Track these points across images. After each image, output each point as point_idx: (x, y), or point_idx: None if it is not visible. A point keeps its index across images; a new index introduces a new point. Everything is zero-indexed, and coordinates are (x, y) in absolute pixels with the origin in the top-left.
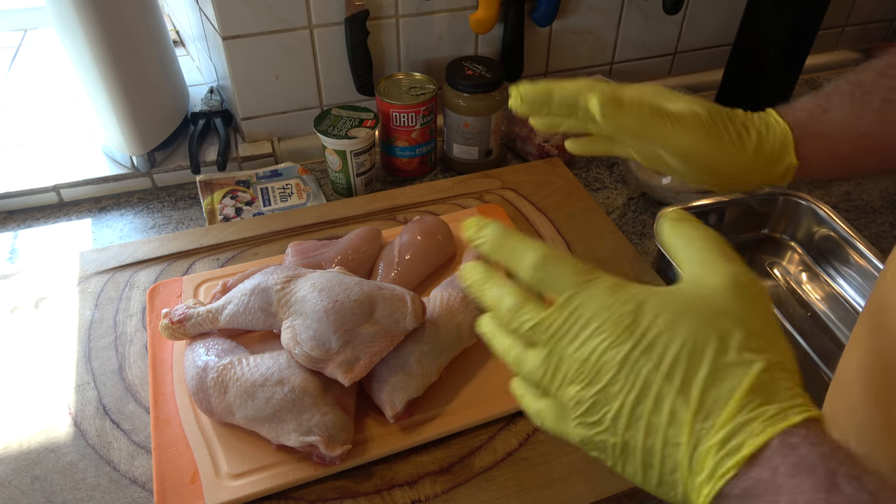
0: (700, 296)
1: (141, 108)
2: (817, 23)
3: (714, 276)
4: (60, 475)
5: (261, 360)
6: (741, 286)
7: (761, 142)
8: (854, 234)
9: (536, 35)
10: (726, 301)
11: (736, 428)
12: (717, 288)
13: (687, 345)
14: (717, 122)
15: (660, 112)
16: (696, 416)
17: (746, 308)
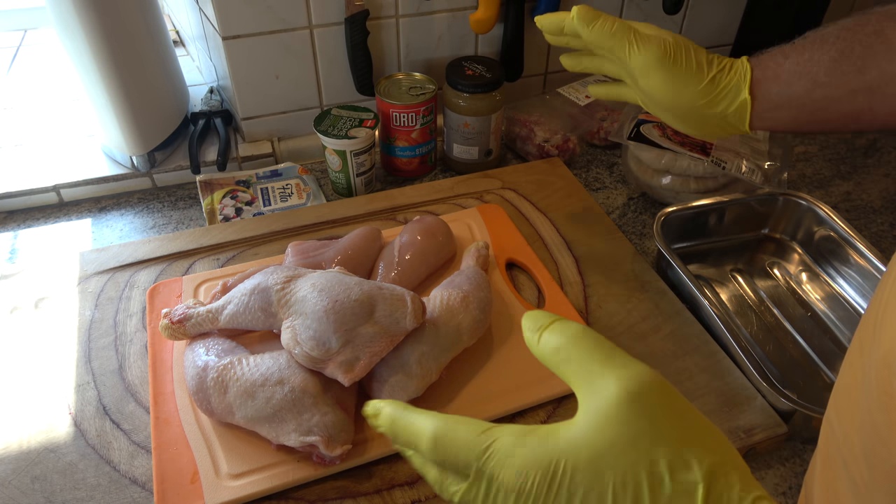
0: (604, 431)
1: (141, 108)
2: (817, 23)
3: (605, 397)
4: (60, 475)
5: (261, 360)
6: (637, 396)
7: (720, 74)
8: (854, 234)
9: (536, 35)
10: (632, 423)
11: None
12: (615, 413)
13: (620, 493)
14: (680, 49)
15: (628, 28)
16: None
17: (655, 418)
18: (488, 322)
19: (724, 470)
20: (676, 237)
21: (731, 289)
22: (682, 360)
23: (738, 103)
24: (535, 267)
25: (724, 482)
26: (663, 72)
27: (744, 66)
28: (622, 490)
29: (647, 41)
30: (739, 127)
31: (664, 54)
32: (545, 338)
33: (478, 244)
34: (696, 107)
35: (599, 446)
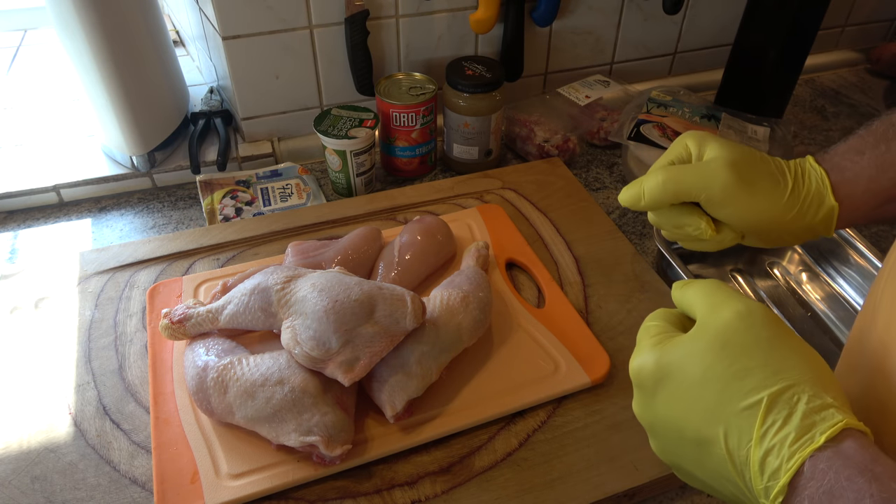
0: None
1: (141, 108)
2: (817, 23)
3: (717, 314)
4: (60, 475)
5: (261, 360)
6: (742, 315)
7: (796, 185)
8: (854, 234)
9: (536, 35)
10: (727, 334)
11: (765, 455)
12: (713, 329)
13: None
14: (748, 168)
15: (678, 177)
16: (727, 442)
17: (746, 340)
18: (488, 322)
19: (801, 378)
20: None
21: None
22: None
23: (824, 212)
24: (535, 267)
25: (795, 388)
26: (742, 197)
27: (816, 169)
28: (701, 381)
29: (709, 172)
30: (824, 233)
31: (737, 178)
32: (683, 290)
33: (478, 244)
34: (782, 222)
35: (695, 346)
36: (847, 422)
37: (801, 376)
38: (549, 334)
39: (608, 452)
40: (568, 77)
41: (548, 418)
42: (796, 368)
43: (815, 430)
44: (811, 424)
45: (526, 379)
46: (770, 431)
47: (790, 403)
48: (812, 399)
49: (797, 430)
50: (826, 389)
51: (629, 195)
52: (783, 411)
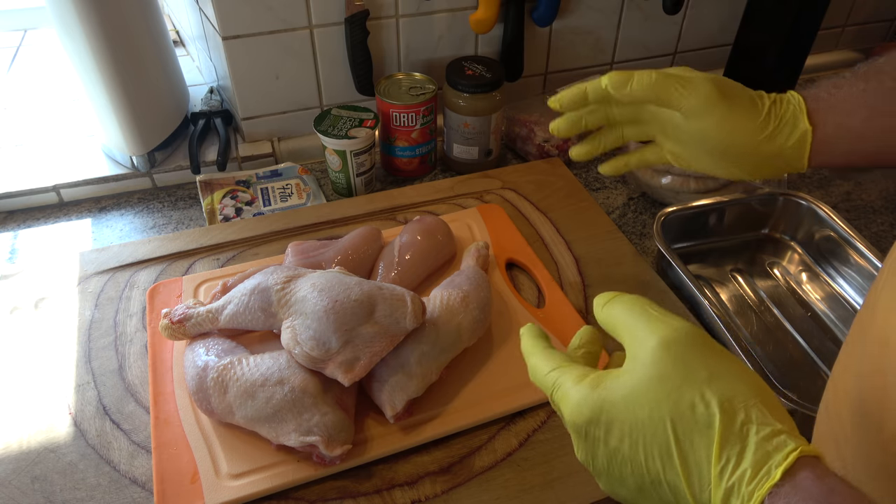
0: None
1: (141, 108)
2: (817, 23)
3: (643, 347)
4: (60, 475)
5: (261, 360)
6: (669, 344)
7: (774, 106)
8: (854, 234)
9: (536, 35)
10: (661, 365)
11: (726, 496)
12: (650, 359)
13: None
14: (728, 87)
15: (668, 76)
16: (689, 485)
17: (683, 362)
18: (488, 322)
19: (746, 404)
20: (676, 237)
21: (731, 289)
22: None
23: (797, 135)
24: (535, 267)
25: (743, 416)
26: (721, 108)
27: (795, 97)
28: (650, 424)
29: (694, 85)
30: (797, 163)
31: (718, 91)
32: (605, 310)
33: (478, 244)
34: (755, 143)
35: (633, 386)
36: (801, 449)
37: (746, 398)
38: (549, 334)
39: None
40: (568, 77)
41: (548, 418)
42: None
43: (770, 462)
44: (766, 456)
45: (526, 379)
46: (727, 470)
47: (742, 435)
48: (761, 426)
49: (753, 466)
50: (771, 409)
51: (617, 77)
52: (736, 445)
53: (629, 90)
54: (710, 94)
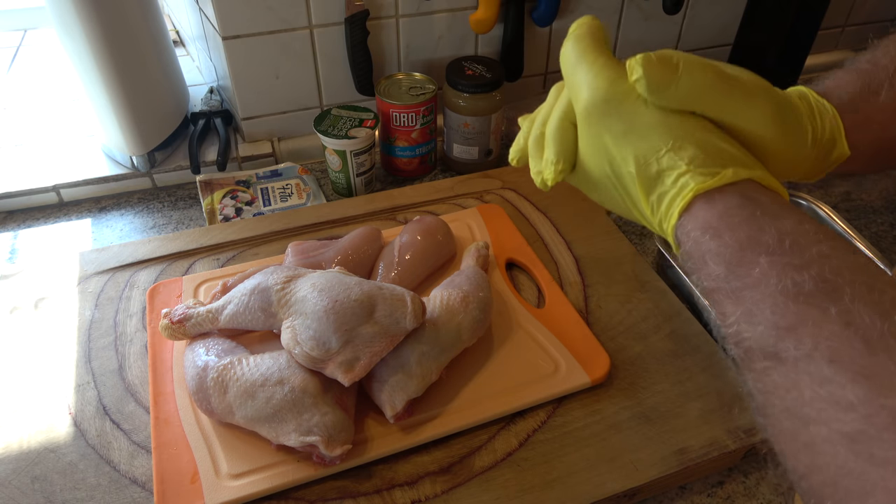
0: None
1: (141, 108)
2: (817, 23)
3: (578, 106)
4: (60, 475)
5: (261, 360)
6: (589, 111)
7: (815, 127)
8: (854, 234)
9: (536, 35)
10: (589, 133)
11: (658, 226)
12: (581, 123)
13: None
14: (785, 108)
15: (731, 80)
16: (640, 214)
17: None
18: (488, 322)
19: (657, 155)
20: None
21: None
22: (682, 360)
23: (834, 158)
24: (535, 267)
25: (655, 167)
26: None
27: (829, 110)
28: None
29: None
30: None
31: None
32: (563, 48)
33: (478, 244)
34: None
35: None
36: (696, 188)
37: (658, 148)
38: (549, 334)
39: (608, 452)
40: None
41: (548, 418)
42: (651, 141)
43: (673, 203)
44: (672, 198)
45: (526, 379)
46: (654, 210)
47: (658, 182)
48: (670, 171)
49: (665, 207)
50: (685, 147)
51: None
52: (654, 192)
53: (676, 92)
54: (771, 116)
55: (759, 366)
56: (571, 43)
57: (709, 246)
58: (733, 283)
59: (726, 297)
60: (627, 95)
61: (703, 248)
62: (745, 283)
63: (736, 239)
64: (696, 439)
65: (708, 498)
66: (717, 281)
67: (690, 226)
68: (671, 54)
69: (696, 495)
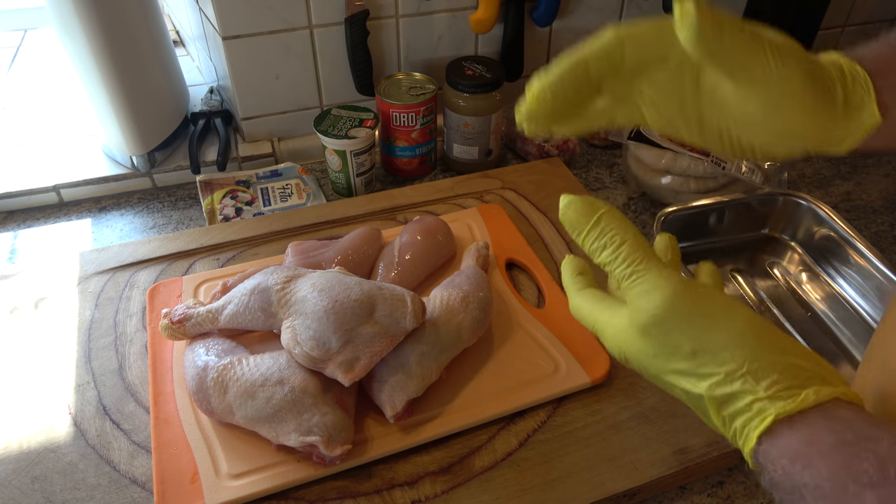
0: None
1: (141, 108)
2: (817, 23)
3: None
4: (60, 475)
5: (261, 360)
6: (648, 327)
7: (846, 88)
8: (854, 234)
9: (536, 35)
10: (648, 348)
11: (732, 439)
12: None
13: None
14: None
15: (761, 39)
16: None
17: (663, 343)
18: (488, 322)
19: (732, 377)
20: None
21: (731, 289)
22: None
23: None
24: (535, 267)
25: (729, 390)
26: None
27: (861, 74)
28: (662, 383)
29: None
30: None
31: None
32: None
33: (478, 244)
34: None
35: (635, 353)
36: (777, 414)
37: (733, 371)
38: (549, 334)
39: (608, 452)
40: None
41: (548, 418)
42: (724, 363)
43: (748, 427)
44: (747, 421)
45: (526, 379)
46: (726, 425)
47: (730, 403)
48: (745, 395)
49: (740, 428)
50: (762, 371)
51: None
52: (726, 409)
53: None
54: (801, 74)
55: None
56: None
57: (803, 478)
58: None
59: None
60: (695, 311)
61: (797, 480)
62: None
63: (831, 469)
64: (696, 439)
65: (708, 498)
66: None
67: (775, 453)
68: (720, 13)
69: (696, 495)
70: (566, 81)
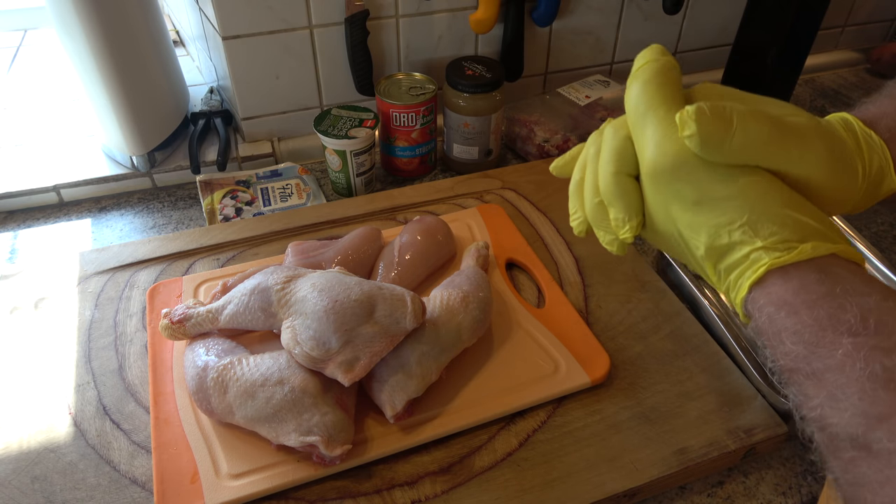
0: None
1: (141, 108)
2: (817, 23)
3: (643, 162)
4: (60, 475)
5: (261, 360)
6: (656, 174)
7: (864, 162)
8: (854, 234)
9: (536, 35)
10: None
11: (725, 292)
12: (647, 181)
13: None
14: (837, 145)
15: (786, 131)
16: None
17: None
18: (488, 322)
19: (730, 227)
20: None
21: None
22: (682, 360)
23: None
24: (535, 267)
25: (726, 239)
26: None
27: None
28: (668, 234)
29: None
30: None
31: (831, 154)
32: (629, 84)
33: (478, 244)
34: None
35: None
36: (771, 263)
37: (731, 221)
38: (549, 334)
39: (608, 452)
40: (568, 77)
41: (548, 418)
42: (725, 213)
43: (742, 277)
44: (741, 272)
45: (526, 379)
46: (720, 278)
47: (726, 253)
48: (742, 246)
49: (734, 280)
50: (761, 222)
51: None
52: (722, 262)
53: (730, 148)
54: (826, 159)
55: (847, 455)
56: (639, 87)
57: (785, 323)
58: (814, 365)
59: (807, 378)
60: (701, 161)
61: (779, 325)
62: (827, 365)
63: (814, 317)
64: (696, 439)
65: (708, 498)
66: (796, 361)
67: (763, 300)
68: (724, 108)
69: (696, 495)
70: None
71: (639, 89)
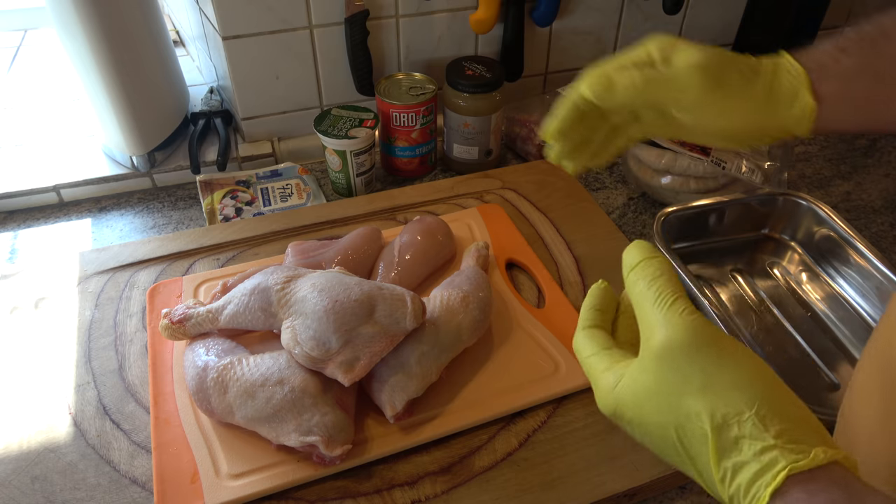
0: (645, 377)
1: (141, 108)
2: (817, 23)
3: (648, 344)
4: (60, 475)
5: (261, 360)
6: (665, 350)
7: (773, 84)
8: (854, 234)
9: (536, 35)
10: (659, 374)
11: (730, 500)
12: (650, 362)
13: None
14: (719, 70)
15: (651, 82)
16: (702, 480)
17: (675, 370)
18: (488, 322)
19: (739, 418)
20: (676, 237)
21: (731, 289)
22: None
23: (798, 108)
24: (535, 267)
25: (736, 431)
26: (715, 99)
27: (795, 67)
28: (659, 430)
29: (679, 81)
30: (800, 130)
31: (709, 82)
32: (628, 281)
33: (478, 244)
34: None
35: (638, 392)
36: (791, 467)
37: (740, 410)
38: (549, 334)
39: (608, 452)
40: (568, 77)
41: (548, 418)
42: (732, 401)
43: (759, 482)
44: (757, 475)
45: (526, 379)
46: (726, 480)
47: (736, 450)
48: (753, 441)
49: (746, 484)
50: (770, 417)
51: (598, 83)
52: (731, 459)
53: (615, 98)
54: (701, 88)
55: None
56: (645, 284)
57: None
58: None
59: None
60: (711, 345)
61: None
62: None
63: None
64: None
65: (708, 498)
66: None
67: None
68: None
69: (696, 495)
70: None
71: (645, 285)
